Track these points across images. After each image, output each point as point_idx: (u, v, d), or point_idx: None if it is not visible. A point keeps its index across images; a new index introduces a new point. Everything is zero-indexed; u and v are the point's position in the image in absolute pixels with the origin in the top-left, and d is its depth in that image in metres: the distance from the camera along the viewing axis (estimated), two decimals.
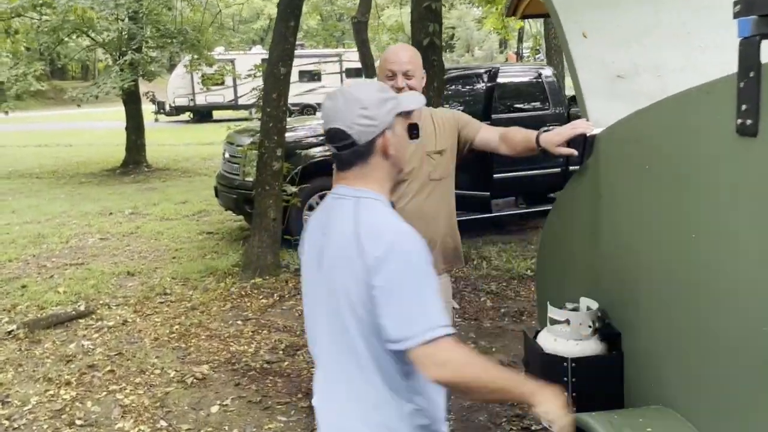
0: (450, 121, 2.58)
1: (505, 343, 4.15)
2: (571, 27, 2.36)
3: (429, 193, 2.48)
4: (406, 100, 1.55)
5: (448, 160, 2.55)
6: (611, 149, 2.11)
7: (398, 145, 1.52)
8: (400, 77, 2.40)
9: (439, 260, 2.53)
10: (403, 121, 1.53)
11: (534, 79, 7.34)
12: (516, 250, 6.21)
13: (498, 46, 23.87)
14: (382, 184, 1.52)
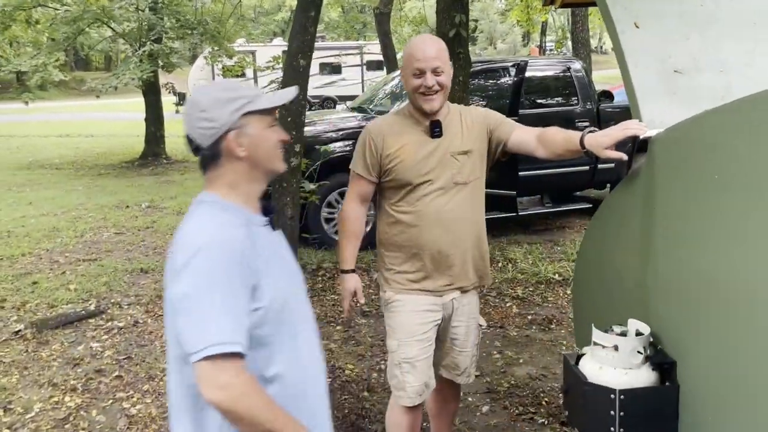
0: (479, 121, 2.36)
1: (532, 354, 3.91)
2: (621, 15, 2.10)
3: (452, 197, 2.27)
4: (265, 98, 1.47)
5: (476, 163, 2.33)
6: (670, 154, 1.86)
7: (253, 146, 1.43)
8: (430, 75, 2.19)
9: (458, 274, 2.33)
10: (262, 119, 1.45)
11: (562, 73, 7.05)
12: (542, 252, 5.95)
13: (521, 39, 23.45)
14: (237, 188, 1.45)
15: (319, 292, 4.93)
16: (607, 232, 2.23)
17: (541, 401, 3.32)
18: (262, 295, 1.36)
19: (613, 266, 2.20)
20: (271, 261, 1.42)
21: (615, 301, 2.18)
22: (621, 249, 2.13)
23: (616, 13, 2.11)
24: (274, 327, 1.40)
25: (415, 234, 2.27)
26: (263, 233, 1.46)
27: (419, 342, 2.32)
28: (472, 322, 2.46)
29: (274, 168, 1.50)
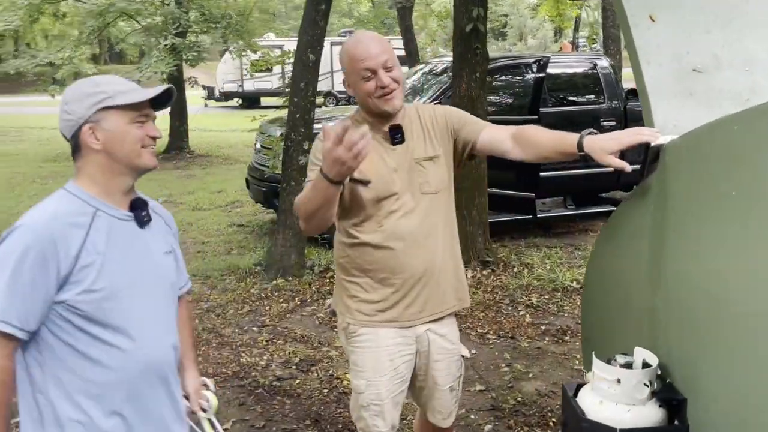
0: (441, 120, 2.07)
1: (543, 368, 3.69)
2: (634, 7, 1.88)
3: (422, 211, 2.00)
4: (128, 95, 1.49)
5: (443, 168, 2.06)
6: (685, 164, 1.64)
7: (109, 140, 1.48)
8: (382, 72, 1.89)
9: (433, 299, 2.03)
10: (123, 114, 1.49)
11: (588, 70, 6.77)
12: (562, 257, 5.71)
13: (553, 34, 22.98)
14: (96, 180, 1.51)
15: (325, 294, 4.77)
16: (615, 249, 2.02)
17: (549, 421, 3.11)
18: (82, 280, 1.43)
19: (620, 286, 1.99)
20: (111, 252, 1.48)
21: (622, 325, 1.97)
22: (629, 268, 1.91)
23: (629, 4, 1.89)
24: (105, 309, 1.46)
25: (383, 256, 1.97)
26: (118, 227, 1.52)
27: (390, 380, 2.03)
28: (453, 354, 2.13)
29: (135, 164, 1.52)
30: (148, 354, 1.54)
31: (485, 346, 3.95)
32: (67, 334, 1.45)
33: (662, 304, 1.73)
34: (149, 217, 1.59)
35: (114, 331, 1.48)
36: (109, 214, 1.50)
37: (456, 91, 5.16)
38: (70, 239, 1.42)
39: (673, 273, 1.69)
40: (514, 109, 6.35)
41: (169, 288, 1.64)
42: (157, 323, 1.59)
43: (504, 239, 6.16)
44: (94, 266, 1.44)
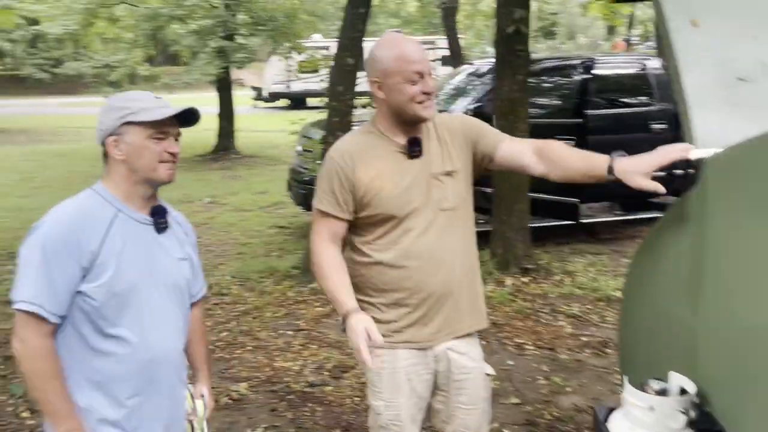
0: (458, 132, 1.98)
1: (582, 382, 3.57)
2: (675, 11, 1.77)
3: (440, 228, 1.91)
4: (151, 112, 1.60)
5: (462, 183, 1.97)
6: (727, 179, 1.54)
7: (129, 153, 1.61)
8: (428, 79, 1.86)
9: (451, 318, 1.95)
10: (143, 130, 1.60)
11: (638, 71, 6.55)
12: (607, 265, 5.53)
13: (606, 32, 22.41)
14: (119, 185, 1.64)
15: None
16: (651, 270, 1.91)
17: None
18: (100, 275, 1.55)
19: (657, 306, 1.88)
20: (127, 252, 1.60)
21: (659, 346, 1.87)
22: (666, 287, 1.81)
23: (669, 8, 1.78)
24: (116, 305, 1.58)
25: (400, 276, 1.90)
26: (137, 229, 1.64)
27: (407, 401, 1.97)
28: (476, 372, 2.03)
29: (151, 177, 1.63)
30: (153, 352, 1.64)
31: (522, 357, 3.85)
32: (81, 323, 1.57)
33: (701, 328, 1.63)
34: (167, 224, 1.71)
35: (123, 327, 1.59)
36: (129, 216, 1.64)
37: (497, 94, 5.06)
38: (92, 235, 1.56)
39: (713, 295, 1.58)
40: (558, 112, 6.19)
41: (180, 292, 1.73)
42: (164, 324, 1.69)
43: (546, 244, 6.01)
44: (111, 263, 1.57)
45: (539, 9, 19.97)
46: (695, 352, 1.65)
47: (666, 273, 1.82)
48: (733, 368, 1.49)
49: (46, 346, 1.54)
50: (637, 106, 6.46)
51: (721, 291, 1.55)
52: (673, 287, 1.76)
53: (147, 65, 15.53)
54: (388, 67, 1.85)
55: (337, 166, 1.90)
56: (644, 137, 6.31)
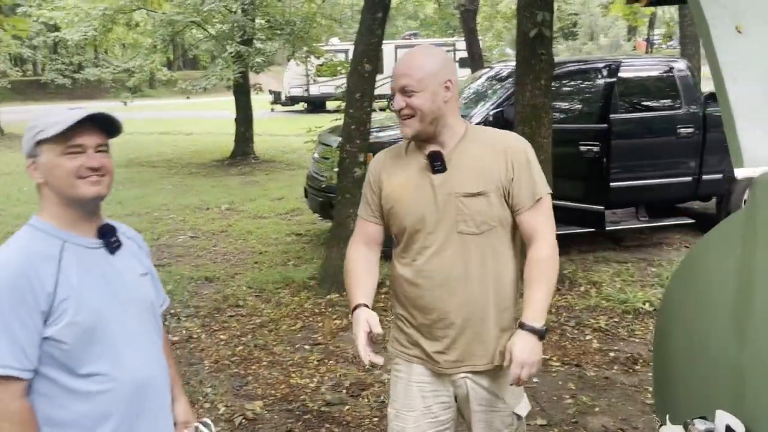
0: (500, 155, 1.83)
1: (611, 401, 3.41)
2: (718, 17, 1.63)
3: (459, 250, 1.81)
4: (54, 127, 1.45)
5: (492, 208, 1.81)
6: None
7: (46, 174, 1.48)
8: (398, 96, 1.79)
9: (469, 350, 1.84)
10: (53, 147, 1.47)
11: (664, 73, 6.35)
12: (634, 274, 5.35)
13: (626, 33, 22.10)
14: (54, 213, 1.51)
15: (379, 311, 4.57)
16: (690, 299, 1.77)
17: None
18: (62, 315, 1.41)
19: (700, 335, 1.74)
20: (86, 282, 1.46)
21: (702, 381, 1.72)
22: (709, 317, 1.66)
23: (711, 14, 1.64)
24: (87, 340, 1.44)
25: (415, 293, 1.86)
26: (89, 256, 1.50)
27: (417, 418, 1.90)
28: (499, 409, 1.91)
29: (71, 195, 1.48)
30: (135, 377, 1.52)
31: (548, 374, 3.70)
32: (51, 369, 1.44)
33: (750, 363, 1.49)
34: (119, 243, 1.58)
35: (98, 361, 1.47)
36: (77, 244, 1.49)
37: (519, 99, 4.91)
38: (44, 275, 1.42)
39: (764, 327, 1.44)
40: (582, 117, 6.01)
41: (148, 309, 1.62)
42: (140, 346, 1.57)
43: (570, 252, 5.85)
44: (72, 299, 1.43)
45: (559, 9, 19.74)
46: (743, 389, 1.52)
47: (708, 302, 1.67)
48: None
49: (24, 409, 1.41)
50: (664, 110, 6.26)
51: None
52: (717, 317, 1.62)
53: (166, 70, 15.60)
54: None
55: (369, 172, 1.98)
56: (671, 141, 6.13)
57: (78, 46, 14.87)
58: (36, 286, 1.40)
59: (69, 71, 34.78)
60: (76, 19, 11.99)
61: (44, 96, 34.72)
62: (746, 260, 1.50)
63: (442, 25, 28.46)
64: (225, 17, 11.96)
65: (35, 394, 1.44)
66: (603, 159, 5.57)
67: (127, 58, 13.67)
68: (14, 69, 30.09)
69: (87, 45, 14.41)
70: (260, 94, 14.25)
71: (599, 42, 19.11)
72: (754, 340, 1.47)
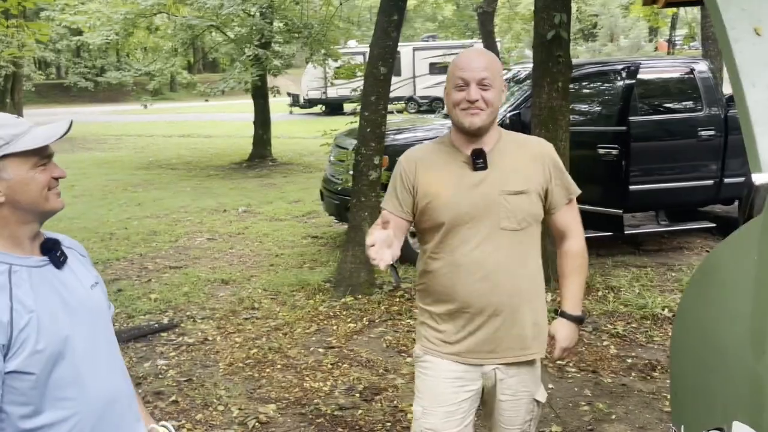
0: (542, 157, 1.97)
1: (628, 408, 3.36)
2: (736, 18, 1.60)
3: (498, 245, 1.89)
4: (28, 138, 1.36)
5: (534, 205, 1.93)
6: None
7: (12, 190, 1.36)
8: (474, 87, 1.84)
9: (503, 341, 1.92)
10: (24, 160, 1.36)
11: (685, 75, 6.25)
12: (653, 279, 5.27)
13: (647, 33, 21.83)
14: (0, 234, 1.37)
15: (394, 315, 4.61)
16: (708, 302, 1.73)
17: None
18: (23, 345, 1.32)
19: (717, 343, 1.70)
20: (40, 305, 1.36)
21: (718, 390, 1.68)
22: (725, 326, 1.63)
23: (729, 16, 1.60)
24: (50, 368, 1.35)
25: (450, 286, 1.91)
26: (38, 276, 1.40)
27: (447, 413, 1.95)
28: (522, 396, 2.01)
29: (44, 209, 1.42)
30: (103, 394, 1.46)
31: (564, 381, 3.66)
32: (16, 405, 1.33)
33: (767, 373, 1.45)
34: (65, 256, 1.48)
35: (66, 384, 1.38)
36: (24, 266, 1.38)
37: (536, 102, 4.87)
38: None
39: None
40: (600, 119, 5.94)
41: (104, 321, 1.55)
42: (102, 360, 1.49)
43: (588, 256, 5.76)
44: (31, 325, 1.33)
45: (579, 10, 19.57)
46: (761, 399, 1.47)
47: (725, 309, 1.63)
48: None
49: None
50: (684, 112, 6.16)
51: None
52: (734, 325, 1.58)
53: (186, 73, 15.75)
54: (448, 74, 1.93)
55: (402, 169, 1.98)
56: (692, 144, 6.04)
57: (100, 49, 15.08)
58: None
59: (91, 74, 35.31)
60: (98, 23, 12.15)
61: (67, 99, 35.27)
62: (763, 267, 1.47)
63: (461, 27, 28.39)
64: (243, 21, 12.04)
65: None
66: (622, 162, 5.50)
67: (148, 62, 13.79)
68: (38, 72, 30.56)
69: (109, 48, 14.60)
70: (278, 96, 14.28)
71: (620, 43, 18.91)
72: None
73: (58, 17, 12.85)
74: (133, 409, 1.58)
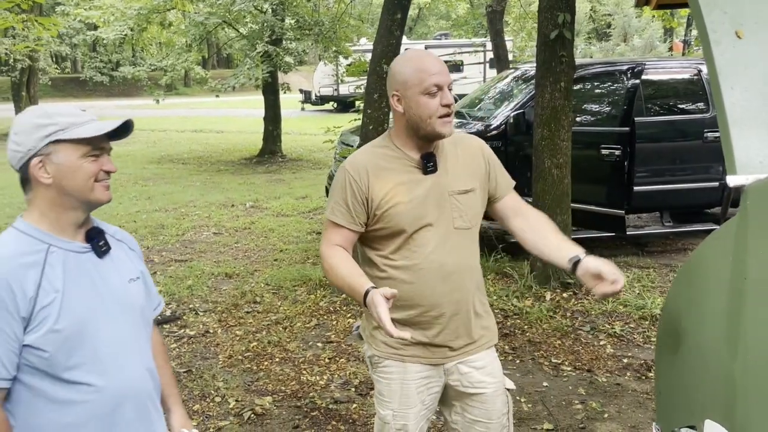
0: (478, 154, 1.99)
1: (621, 408, 3.37)
2: (718, 21, 1.61)
3: (453, 245, 1.90)
4: (83, 128, 1.43)
5: (479, 203, 1.95)
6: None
7: (61, 174, 1.43)
8: (447, 91, 1.82)
9: (462, 336, 1.95)
10: (76, 148, 1.43)
11: (692, 76, 6.23)
12: (654, 280, 5.27)
13: (662, 33, 21.67)
14: (46, 215, 1.46)
15: None
16: (689, 299, 1.75)
17: None
18: (43, 322, 1.37)
19: (694, 343, 1.72)
20: (70, 288, 1.42)
21: (694, 389, 1.70)
22: (704, 324, 1.65)
23: (711, 19, 1.62)
24: (69, 348, 1.40)
25: (412, 292, 1.88)
26: (76, 261, 1.46)
27: (416, 413, 1.97)
28: (493, 387, 2.00)
29: (88, 198, 1.46)
30: (121, 387, 1.48)
31: (558, 378, 3.68)
32: (33, 378, 1.40)
33: (741, 372, 1.46)
34: (108, 246, 1.53)
35: (82, 369, 1.42)
36: (63, 249, 1.45)
37: (539, 101, 4.88)
38: (25, 280, 1.37)
39: (755, 337, 1.42)
40: (604, 119, 5.94)
41: (137, 315, 1.57)
42: (127, 353, 1.52)
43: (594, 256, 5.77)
44: (53, 305, 1.39)
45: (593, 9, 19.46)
46: (733, 399, 1.50)
47: (703, 309, 1.65)
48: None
49: (0, 419, 1.37)
50: (690, 113, 6.14)
51: (762, 332, 1.39)
52: (711, 326, 1.60)
53: (200, 68, 15.84)
54: (408, 79, 1.83)
55: (350, 178, 1.89)
56: (697, 145, 6.01)
57: (115, 44, 15.21)
58: (17, 292, 1.35)
59: (107, 69, 35.62)
60: (111, 18, 12.26)
61: (83, 93, 35.61)
62: (739, 269, 1.49)
63: (475, 25, 28.28)
64: (255, 17, 12.11)
65: (12, 403, 1.41)
66: (624, 162, 5.50)
67: (162, 57, 13.89)
68: (54, 67, 30.88)
69: (125, 43, 14.72)
70: (288, 93, 14.35)
71: (633, 43, 18.78)
72: (746, 351, 1.45)
73: (73, 12, 12.99)
74: (156, 409, 1.59)
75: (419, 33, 36.64)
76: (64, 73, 37.72)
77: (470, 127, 6.00)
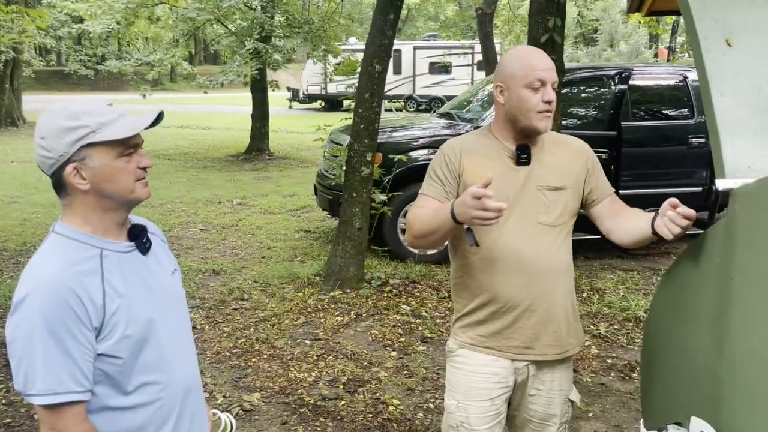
0: (579, 154, 1.99)
1: (605, 407, 3.43)
2: (709, 29, 1.66)
3: (536, 240, 1.89)
4: (114, 127, 1.35)
5: (569, 203, 1.93)
6: (758, 213, 1.42)
7: (99, 178, 1.35)
8: (549, 88, 1.83)
9: (539, 336, 1.91)
10: (110, 149, 1.35)
11: (678, 82, 6.32)
12: (638, 282, 5.35)
13: (647, 40, 21.92)
14: (88, 219, 1.39)
15: (381, 310, 4.67)
16: (676, 299, 1.79)
17: None
18: (114, 329, 1.34)
19: (681, 342, 1.76)
20: (129, 290, 1.39)
21: (680, 388, 1.75)
22: (690, 323, 1.69)
23: (702, 26, 1.66)
24: (137, 353, 1.38)
25: (487, 279, 1.89)
26: (126, 261, 1.43)
27: (482, 409, 1.94)
28: (555, 395, 1.99)
29: (130, 198, 1.41)
30: (185, 378, 1.50)
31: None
32: (102, 387, 1.36)
33: (726, 371, 1.51)
34: (150, 242, 1.50)
35: (150, 369, 1.41)
36: (113, 251, 1.41)
37: None
38: (90, 288, 1.32)
39: (739, 336, 1.47)
40: (592, 123, 6.02)
41: (183, 306, 1.59)
42: (182, 346, 1.54)
43: (576, 259, 5.80)
44: (121, 311, 1.35)
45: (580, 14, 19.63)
46: (719, 396, 1.54)
47: (689, 310, 1.70)
48: (760, 416, 1.38)
49: (87, 428, 1.34)
50: (676, 119, 6.24)
51: (747, 332, 1.44)
52: (697, 325, 1.65)
53: (186, 64, 15.76)
54: (515, 71, 1.87)
55: (446, 156, 1.95)
56: (682, 151, 6.11)
57: (101, 38, 15.08)
58: (86, 301, 1.30)
59: (92, 63, 35.27)
60: (99, 12, 12.17)
61: (67, 86, 35.23)
62: (725, 270, 1.53)
63: (463, 27, 28.42)
64: (245, 14, 12.07)
65: (95, 416, 1.37)
66: (611, 166, 5.57)
67: (148, 51, 13.80)
68: (38, 59, 30.52)
69: (110, 37, 14.61)
70: (276, 90, 14.31)
71: (619, 49, 18.98)
72: (731, 350, 1.49)
73: (60, 4, 12.87)
74: (202, 396, 1.61)
75: (408, 34, 36.71)
76: (48, 66, 37.29)
77: (459, 128, 6.04)
